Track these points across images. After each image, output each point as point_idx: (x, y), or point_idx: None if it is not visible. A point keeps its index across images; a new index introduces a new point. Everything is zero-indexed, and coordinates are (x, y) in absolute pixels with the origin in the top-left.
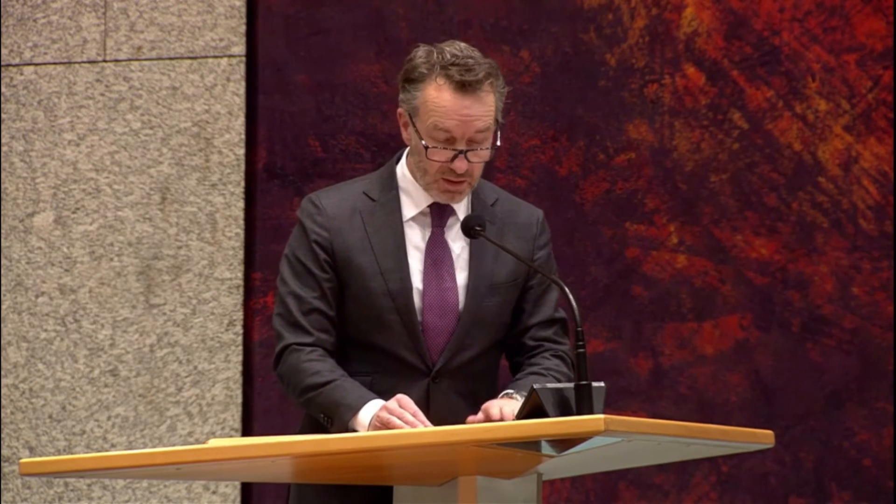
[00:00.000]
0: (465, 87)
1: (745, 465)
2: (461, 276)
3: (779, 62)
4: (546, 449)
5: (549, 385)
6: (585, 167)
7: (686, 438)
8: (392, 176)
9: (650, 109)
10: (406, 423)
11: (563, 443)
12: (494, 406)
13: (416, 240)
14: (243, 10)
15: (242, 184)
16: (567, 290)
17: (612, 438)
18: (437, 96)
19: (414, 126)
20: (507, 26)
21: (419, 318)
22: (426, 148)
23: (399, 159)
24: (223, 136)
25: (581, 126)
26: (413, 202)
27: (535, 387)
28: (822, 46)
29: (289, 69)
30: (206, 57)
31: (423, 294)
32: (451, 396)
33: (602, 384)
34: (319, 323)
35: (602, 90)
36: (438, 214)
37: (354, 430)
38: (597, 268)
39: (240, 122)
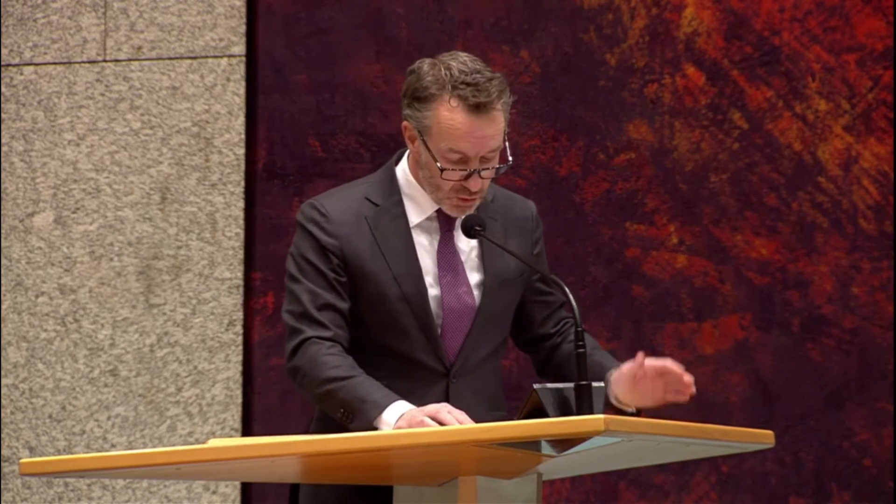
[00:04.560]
0: (478, 108)
1: (745, 465)
2: (474, 276)
3: (779, 62)
4: (546, 449)
5: (549, 385)
6: (585, 167)
7: (686, 438)
8: (393, 179)
9: (650, 109)
10: (458, 420)
11: (563, 443)
12: (668, 361)
13: (424, 244)
14: (243, 10)
15: (242, 184)
16: (567, 289)
17: (612, 438)
18: (450, 118)
19: (424, 143)
20: (507, 26)
21: (437, 320)
22: (441, 170)
23: (398, 161)
24: (223, 135)
25: (581, 126)
26: (419, 208)
27: (535, 387)
28: (822, 46)
29: (288, 69)
30: (206, 57)
31: (441, 296)
32: (468, 395)
33: (602, 384)
34: (335, 319)
35: (602, 90)
36: (445, 219)
37: (377, 429)
38: (597, 268)
39: (240, 122)
